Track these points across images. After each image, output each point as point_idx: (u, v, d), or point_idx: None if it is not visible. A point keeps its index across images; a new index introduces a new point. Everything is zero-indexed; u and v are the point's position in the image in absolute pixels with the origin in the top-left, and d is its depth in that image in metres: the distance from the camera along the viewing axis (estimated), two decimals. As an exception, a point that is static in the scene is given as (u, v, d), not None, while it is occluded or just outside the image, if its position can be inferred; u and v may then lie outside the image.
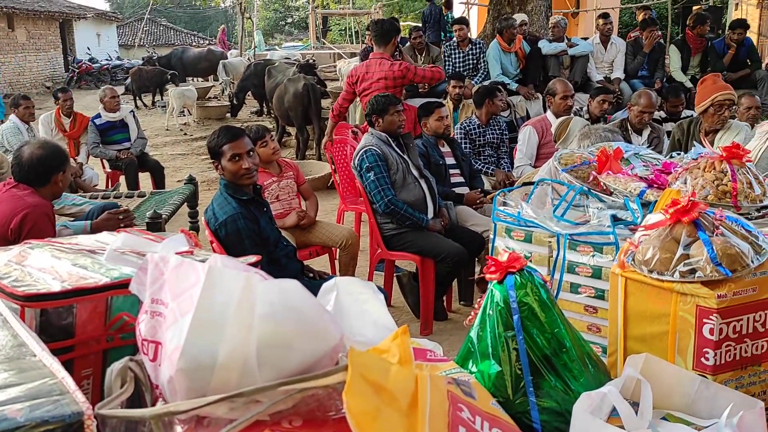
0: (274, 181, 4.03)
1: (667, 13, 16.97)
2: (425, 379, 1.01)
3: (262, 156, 3.91)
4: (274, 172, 4.06)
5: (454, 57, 7.69)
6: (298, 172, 4.27)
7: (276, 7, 37.29)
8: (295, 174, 4.22)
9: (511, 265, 1.43)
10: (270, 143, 3.95)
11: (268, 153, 3.95)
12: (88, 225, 3.17)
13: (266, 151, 3.92)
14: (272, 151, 3.97)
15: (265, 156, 3.93)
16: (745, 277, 1.39)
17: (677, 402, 1.42)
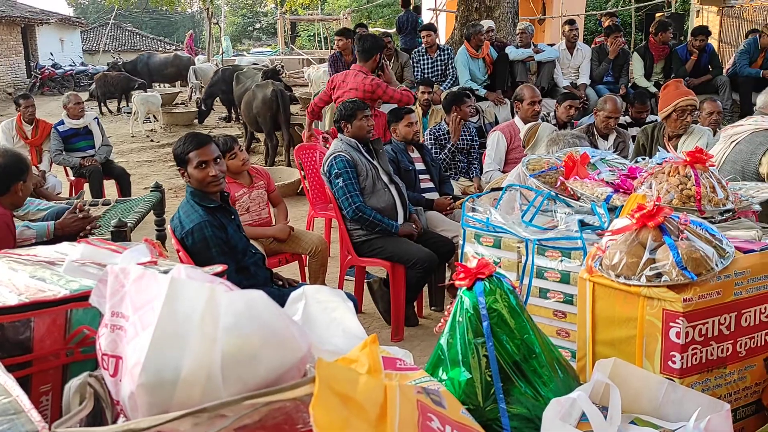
0: (245, 192, 3.96)
1: (631, 20, 17.32)
2: (394, 389, 1.00)
3: (232, 168, 3.86)
4: (245, 183, 3.99)
5: (423, 63, 7.72)
6: (269, 180, 4.22)
7: (244, 12, 37.06)
8: (266, 182, 4.17)
9: (480, 272, 1.43)
10: (239, 155, 3.88)
11: (238, 165, 3.88)
12: (52, 225, 3.09)
13: (236, 163, 3.85)
14: (242, 162, 3.90)
15: (235, 168, 3.87)
16: (710, 280, 1.41)
17: (645, 406, 1.43)
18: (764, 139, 2.99)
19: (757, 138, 3.02)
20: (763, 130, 3.03)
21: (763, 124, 3.06)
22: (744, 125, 3.15)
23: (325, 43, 22.80)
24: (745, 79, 7.41)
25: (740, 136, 3.10)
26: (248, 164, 4.02)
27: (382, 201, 3.79)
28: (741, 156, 3.04)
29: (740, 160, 3.03)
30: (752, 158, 2.97)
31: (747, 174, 2.98)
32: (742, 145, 3.05)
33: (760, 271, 1.48)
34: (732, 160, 3.08)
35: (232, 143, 3.87)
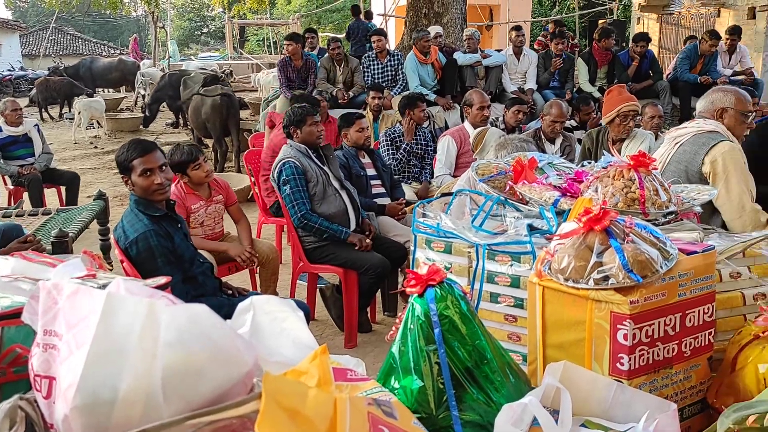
0: (202, 206, 3.85)
1: (575, 26, 17.75)
2: (344, 401, 0.97)
3: (195, 179, 3.76)
4: (203, 196, 3.86)
5: (373, 68, 7.72)
6: (229, 193, 4.08)
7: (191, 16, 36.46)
8: (225, 195, 4.04)
9: (431, 278, 1.42)
10: (204, 165, 3.76)
11: (201, 176, 3.77)
12: None
13: (199, 174, 3.75)
14: (206, 174, 3.78)
15: (198, 179, 3.77)
16: (655, 282, 1.43)
17: (595, 408, 1.45)
18: (706, 140, 3.08)
19: (699, 139, 3.12)
20: (705, 132, 3.13)
21: (705, 127, 3.15)
22: (687, 128, 3.24)
23: (275, 48, 22.62)
24: (684, 84, 7.67)
25: (684, 138, 3.19)
26: (211, 176, 3.89)
27: (333, 207, 3.76)
28: (685, 156, 3.12)
29: (684, 160, 3.12)
30: (695, 158, 3.07)
31: (690, 173, 3.07)
32: (686, 146, 3.14)
33: (703, 272, 1.51)
34: (676, 160, 3.17)
35: (197, 153, 3.76)
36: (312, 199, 3.70)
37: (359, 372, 1.27)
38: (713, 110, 3.23)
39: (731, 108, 3.19)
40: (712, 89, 3.39)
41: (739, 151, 3.05)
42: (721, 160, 2.97)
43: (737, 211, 2.95)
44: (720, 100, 3.23)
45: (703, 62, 7.69)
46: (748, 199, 2.96)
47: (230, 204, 4.03)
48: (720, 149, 2.99)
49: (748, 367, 1.43)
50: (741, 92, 3.28)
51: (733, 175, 2.95)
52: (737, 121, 3.18)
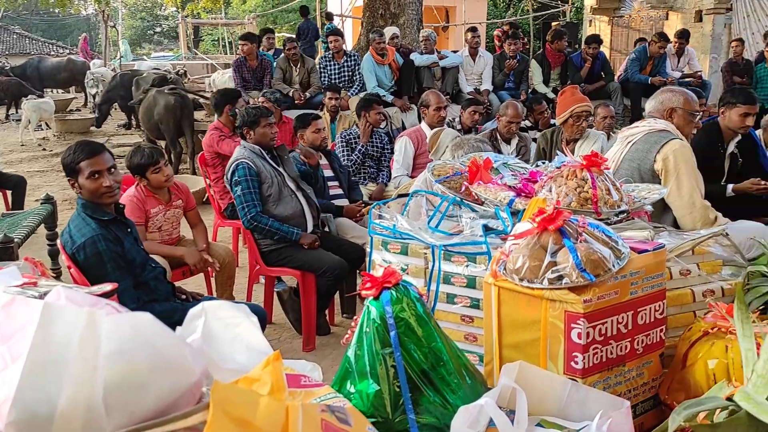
0: (160, 210, 3.75)
1: (529, 28, 18.02)
2: (297, 409, 0.95)
3: (154, 182, 3.65)
4: (163, 200, 3.76)
5: (330, 69, 7.68)
6: (188, 198, 3.98)
7: (143, 15, 35.71)
8: (185, 200, 3.95)
9: (387, 280, 1.40)
10: (164, 169, 3.65)
11: (161, 180, 3.65)
12: None
13: (159, 177, 3.63)
14: (165, 177, 3.67)
15: (157, 183, 3.66)
16: (608, 281, 1.45)
17: (550, 407, 1.45)
18: (658, 138, 3.16)
19: (651, 138, 3.19)
20: (656, 131, 3.21)
21: (656, 126, 3.23)
22: (639, 127, 3.32)
23: (230, 48, 22.34)
24: (635, 86, 7.84)
25: (636, 137, 3.26)
26: (171, 180, 3.77)
27: (289, 208, 3.71)
28: (637, 154, 3.19)
29: (636, 158, 3.18)
30: (647, 156, 3.13)
31: (643, 170, 3.14)
32: (638, 145, 3.21)
33: (654, 270, 1.54)
34: (629, 158, 3.23)
35: (158, 156, 3.64)
36: (267, 201, 3.65)
37: (314, 377, 1.24)
38: (663, 110, 3.31)
39: (680, 108, 3.27)
40: (660, 90, 3.48)
41: (689, 149, 3.13)
42: (672, 158, 3.04)
43: (687, 207, 3.02)
44: (669, 100, 3.31)
45: (653, 64, 7.88)
46: (698, 195, 3.04)
47: (189, 209, 3.94)
48: (671, 147, 3.06)
49: (698, 363, 1.46)
50: (689, 93, 3.37)
51: (684, 172, 3.03)
52: (686, 120, 3.26)
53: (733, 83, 8.63)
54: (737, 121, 3.78)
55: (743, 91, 3.82)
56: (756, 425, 0.95)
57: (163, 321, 1.71)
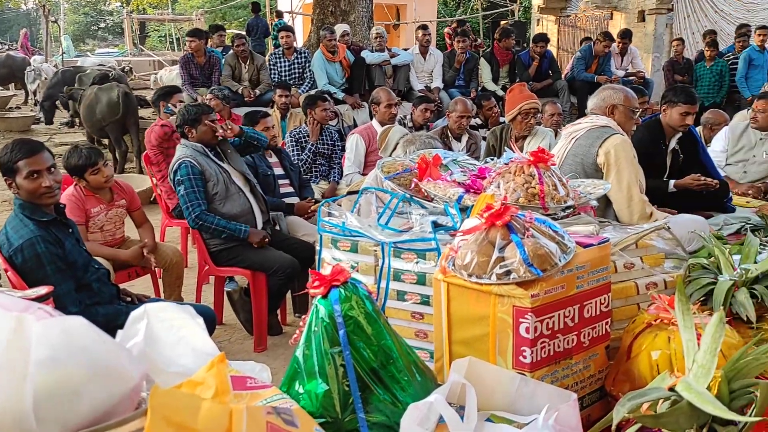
0: (102, 210, 3.67)
1: (479, 27, 18.22)
2: (241, 413, 0.92)
3: (93, 183, 3.57)
4: (105, 200, 3.68)
5: (280, 65, 7.61)
6: (133, 197, 3.90)
7: (86, 10, 34.63)
8: (129, 199, 3.85)
9: (335, 279, 1.38)
10: (103, 170, 3.57)
11: (100, 181, 3.57)
12: None
13: (98, 179, 3.55)
14: (105, 179, 3.59)
15: (97, 184, 3.58)
16: (555, 275, 1.46)
17: (500, 402, 1.46)
18: (600, 133, 3.24)
19: (593, 133, 3.26)
20: (598, 127, 3.28)
21: (598, 122, 3.31)
22: (582, 123, 3.39)
23: (178, 45, 21.90)
24: (581, 84, 8.01)
25: (579, 133, 3.33)
26: (111, 181, 3.69)
27: (237, 206, 3.64)
28: (581, 149, 3.26)
29: (580, 153, 3.25)
30: (590, 151, 3.21)
31: (586, 165, 3.21)
32: (581, 140, 3.28)
33: (599, 264, 1.56)
34: (573, 153, 3.30)
35: (96, 157, 3.54)
36: (214, 199, 3.58)
37: (262, 379, 1.22)
38: (604, 107, 3.39)
39: (621, 104, 3.36)
40: (601, 87, 3.57)
41: (630, 144, 3.21)
42: (614, 152, 3.12)
43: (626, 200, 3.10)
44: (610, 98, 3.40)
45: (598, 62, 8.06)
46: (636, 190, 3.12)
47: (134, 209, 3.85)
48: (612, 142, 3.14)
49: (642, 354, 1.49)
50: (629, 90, 3.47)
51: (624, 166, 3.11)
52: (626, 117, 3.36)
53: (674, 81, 8.91)
54: (678, 119, 3.89)
55: (685, 90, 3.94)
56: (697, 414, 0.97)
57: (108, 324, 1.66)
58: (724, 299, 1.63)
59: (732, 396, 1.01)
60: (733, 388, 1.01)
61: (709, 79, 8.49)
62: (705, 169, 4.11)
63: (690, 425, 0.98)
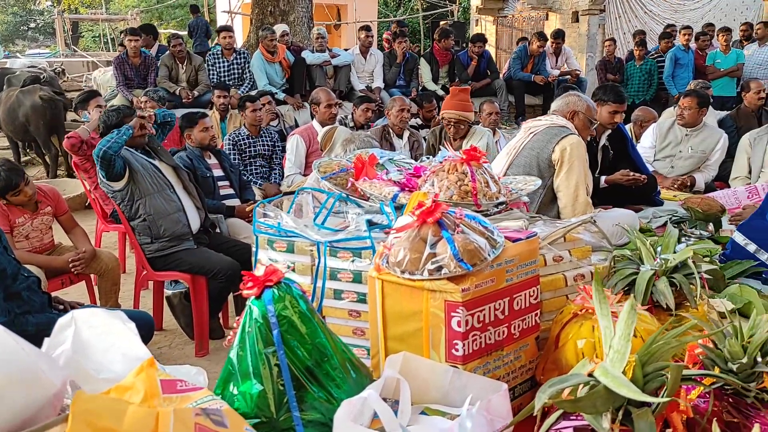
0: (27, 219, 3.57)
1: (419, 27, 18.39)
2: (168, 415, 0.92)
3: (15, 203, 3.49)
4: (29, 209, 3.59)
5: (219, 66, 7.51)
6: (58, 202, 3.78)
7: (15, 10, 33.27)
8: (55, 205, 3.74)
9: (268, 279, 1.39)
10: (25, 190, 3.48)
11: (23, 200, 3.51)
12: None
13: (20, 199, 3.49)
14: (28, 198, 3.51)
15: (19, 203, 3.51)
16: (485, 269, 1.50)
17: (434, 395, 1.49)
18: (558, 131, 3.34)
19: (552, 130, 3.37)
20: (558, 126, 3.40)
21: (557, 122, 3.42)
22: (542, 120, 3.50)
23: (113, 45, 21.29)
24: (518, 83, 8.19)
25: (538, 129, 3.43)
26: (35, 197, 3.59)
27: (167, 202, 3.61)
28: (538, 144, 3.36)
29: (536, 148, 3.35)
30: (547, 146, 3.31)
31: (541, 159, 3.31)
32: (539, 135, 3.38)
33: (527, 258, 1.61)
34: (530, 147, 3.39)
35: (16, 179, 3.42)
36: (144, 192, 3.53)
37: (197, 382, 1.21)
38: (567, 111, 3.51)
39: (582, 112, 3.49)
40: (568, 93, 3.68)
41: (584, 148, 3.34)
42: (569, 150, 3.22)
43: (571, 198, 3.20)
44: (574, 104, 3.52)
45: (534, 62, 8.26)
46: (583, 191, 3.23)
47: (60, 214, 3.74)
48: (569, 140, 3.25)
49: (569, 343, 1.54)
50: (591, 101, 3.61)
51: (576, 165, 3.22)
52: (584, 124, 3.48)
53: (607, 80, 9.20)
54: (607, 117, 4.03)
55: (614, 89, 4.07)
56: (613, 397, 1.02)
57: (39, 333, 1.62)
58: (645, 288, 1.70)
59: (646, 379, 1.06)
60: (647, 371, 1.06)
61: (638, 77, 8.81)
62: (634, 165, 4.27)
63: (606, 408, 1.02)
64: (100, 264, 3.70)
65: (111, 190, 3.59)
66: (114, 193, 3.59)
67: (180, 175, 3.86)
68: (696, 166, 4.88)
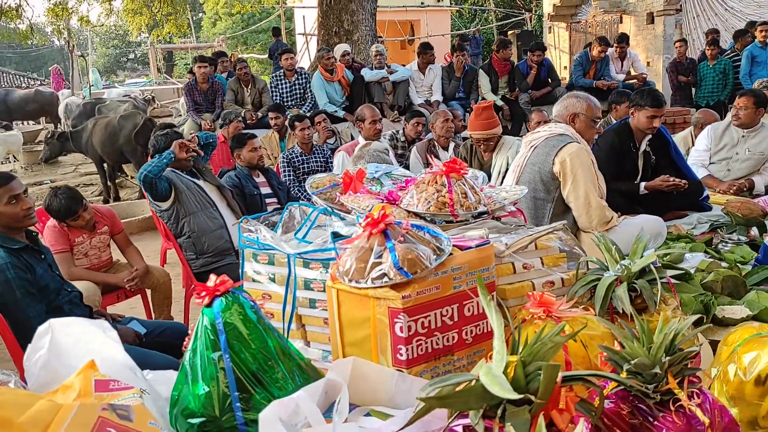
0: (85, 239, 3.88)
1: (494, 38, 18.28)
2: (70, 409, 1.05)
3: (75, 226, 3.78)
4: (87, 229, 3.89)
5: (281, 87, 7.82)
6: (114, 221, 4.09)
7: (116, 43, 35.81)
8: (110, 224, 4.05)
9: (217, 289, 1.51)
10: (83, 215, 3.76)
11: (81, 225, 3.80)
12: None
13: (78, 223, 3.79)
14: (85, 222, 3.80)
15: (78, 226, 3.80)
16: (428, 277, 1.56)
17: (381, 397, 1.56)
18: (556, 142, 3.29)
19: (550, 142, 3.31)
20: (555, 135, 3.33)
21: (555, 130, 3.36)
22: (540, 132, 3.44)
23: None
24: (580, 89, 8.00)
25: (537, 141, 3.39)
26: (92, 221, 3.87)
27: (210, 219, 3.85)
28: (538, 158, 3.32)
29: (537, 162, 3.31)
30: (547, 159, 3.26)
31: (543, 173, 3.26)
32: (539, 149, 3.34)
33: (478, 265, 1.65)
34: (531, 162, 3.36)
35: (75, 207, 3.71)
36: (191, 210, 3.79)
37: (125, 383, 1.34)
38: (566, 115, 3.45)
39: (582, 113, 3.41)
40: (567, 95, 3.62)
41: (587, 152, 3.26)
42: (569, 161, 3.17)
43: (584, 207, 3.15)
44: (573, 106, 3.46)
45: (596, 68, 8.07)
46: (594, 196, 3.17)
47: (116, 233, 4.04)
48: (567, 151, 3.19)
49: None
50: (592, 99, 3.52)
51: (580, 174, 3.16)
52: (587, 126, 3.41)
53: (678, 82, 8.86)
54: (645, 122, 3.93)
55: (651, 93, 3.97)
56: (490, 395, 1.06)
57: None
58: (605, 294, 1.70)
59: (528, 378, 1.09)
60: (529, 371, 1.09)
61: (712, 77, 8.42)
62: (677, 170, 4.13)
63: (480, 405, 1.06)
64: (152, 279, 3.97)
65: (159, 209, 3.86)
66: (161, 213, 3.86)
67: (224, 193, 4.09)
68: (755, 168, 4.64)
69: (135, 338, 2.84)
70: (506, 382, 1.06)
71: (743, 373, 1.44)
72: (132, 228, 6.95)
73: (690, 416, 1.17)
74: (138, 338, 2.85)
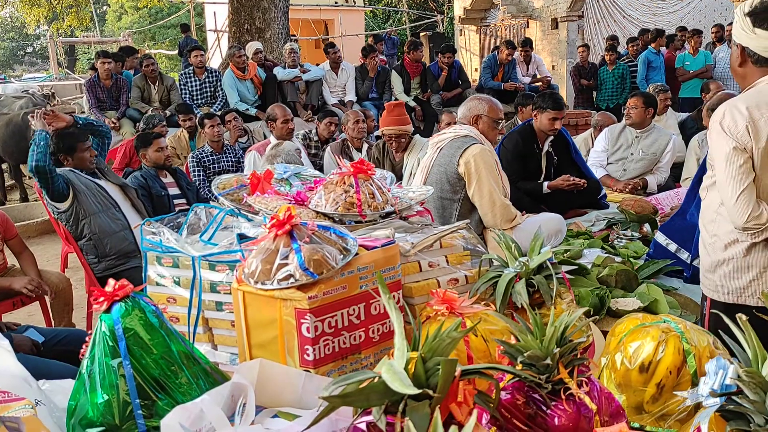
0: None
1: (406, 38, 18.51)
2: (-49, 422, 1.00)
3: None
4: None
5: (191, 85, 7.62)
6: (7, 226, 3.87)
7: (12, 35, 33.72)
8: (2, 230, 3.83)
9: (116, 294, 1.46)
10: None
11: None
12: None
13: None
14: None
15: None
16: (334, 277, 1.57)
17: (289, 398, 1.56)
18: (460, 144, 3.38)
19: (455, 143, 3.41)
20: (460, 137, 3.43)
21: (460, 132, 3.46)
22: (447, 133, 3.53)
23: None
24: (489, 91, 8.26)
25: (443, 143, 3.47)
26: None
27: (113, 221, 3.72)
28: (444, 159, 3.40)
29: (444, 163, 3.40)
30: (452, 160, 3.35)
31: (449, 174, 3.35)
32: (445, 150, 3.42)
33: (384, 264, 1.68)
34: (438, 164, 3.44)
35: None
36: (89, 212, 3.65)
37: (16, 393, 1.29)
38: (470, 117, 3.55)
39: (485, 115, 3.52)
40: (470, 97, 3.73)
41: (490, 153, 3.37)
42: (473, 161, 3.27)
43: (489, 206, 3.26)
44: (476, 108, 3.57)
45: (504, 70, 8.35)
46: (498, 195, 3.28)
47: (9, 238, 3.82)
48: (471, 152, 3.29)
49: (420, 344, 1.60)
50: (494, 101, 3.64)
51: (484, 174, 3.26)
52: (490, 126, 3.52)
53: (581, 86, 9.29)
54: (547, 124, 4.11)
55: (552, 96, 4.16)
56: (391, 392, 1.09)
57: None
58: (504, 290, 1.77)
59: (428, 373, 1.12)
60: (429, 366, 1.13)
61: (612, 81, 8.89)
62: (578, 170, 4.34)
63: (381, 401, 1.09)
64: (50, 285, 3.78)
65: (57, 211, 3.69)
66: (60, 214, 3.69)
67: (128, 193, 3.95)
68: (648, 168, 4.94)
69: (32, 347, 2.70)
70: (407, 377, 1.09)
71: (629, 362, 1.54)
72: (30, 231, 6.59)
73: (579, 404, 1.24)
74: (35, 347, 2.71)
